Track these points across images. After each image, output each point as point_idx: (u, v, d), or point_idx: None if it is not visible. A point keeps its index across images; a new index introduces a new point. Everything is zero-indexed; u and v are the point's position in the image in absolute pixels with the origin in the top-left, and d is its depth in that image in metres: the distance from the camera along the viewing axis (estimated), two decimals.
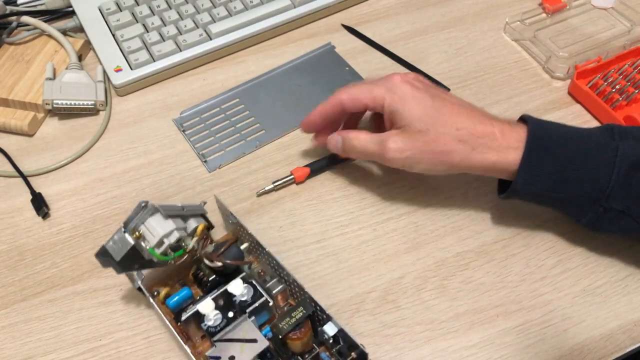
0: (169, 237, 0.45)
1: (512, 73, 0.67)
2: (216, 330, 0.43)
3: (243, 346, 0.41)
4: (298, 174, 0.57)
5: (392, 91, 0.50)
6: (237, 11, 0.69)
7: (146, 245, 0.44)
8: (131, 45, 0.66)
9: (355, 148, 0.52)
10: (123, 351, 0.48)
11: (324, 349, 0.45)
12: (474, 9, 0.74)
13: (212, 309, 0.43)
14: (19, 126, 0.61)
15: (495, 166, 0.48)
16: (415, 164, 0.49)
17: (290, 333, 0.42)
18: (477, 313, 0.49)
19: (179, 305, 0.46)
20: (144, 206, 0.44)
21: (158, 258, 0.44)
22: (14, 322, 0.50)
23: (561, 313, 0.49)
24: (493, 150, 0.47)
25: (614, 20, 0.71)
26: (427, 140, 0.48)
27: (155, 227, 0.44)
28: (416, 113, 0.48)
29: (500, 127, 0.48)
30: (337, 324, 0.42)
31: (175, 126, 0.63)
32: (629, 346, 0.47)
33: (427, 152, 0.48)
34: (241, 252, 0.48)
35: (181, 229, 0.46)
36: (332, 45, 0.69)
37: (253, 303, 0.44)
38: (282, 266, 0.45)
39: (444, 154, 0.48)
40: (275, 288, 0.46)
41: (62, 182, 0.58)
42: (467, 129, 0.48)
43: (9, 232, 0.55)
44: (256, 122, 0.62)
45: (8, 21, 0.69)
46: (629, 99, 0.62)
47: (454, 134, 0.48)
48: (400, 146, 0.48)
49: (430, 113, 0.48)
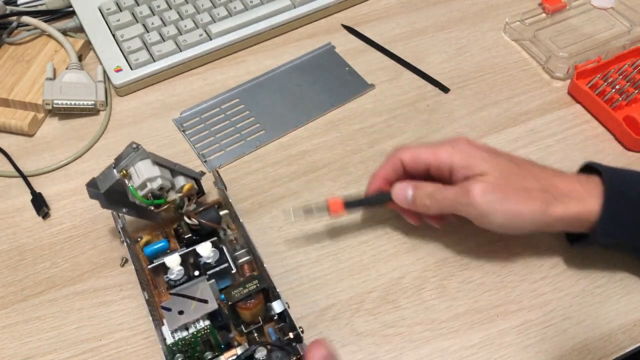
0: (152, 182, 0.47)
1: (512, 73, 0.67)
2: (176, 284, 0.45)
3: (194, 304, 0.43)
4: (334, 207, 0.50)
5: (459, 149, 0.47)
6: (237, 11, 0.69)
7: (130, 184, 0.46)
8: (131, 46, 0.66)
9: (433, 196, 0.47)
10: (123, 351, 0.48)
11: (273, 324, 0.46)
12: (474, 9, 0.74)
13: (177, 263, 0.46)
14: (19, 126, 0.61)
15: (579, 218, 0.46)
16: (498, 211, 0.45)
17: (241, 302, 0.44)
18: (477, 313, 0.49)
19: (154, 254, 0.49)
20: (135, 147, 0.46)
21: (138, 198, 0.46)
22: (14, 322, 0.50)
23: (561, 313, 0.49)
24: (574, 201, 0.45)
25: (613, 20, 0.71)
26: (510, 187, 0.45)
27: (142, 170, 0.46)
28: (492, 163, 0.46)
29: (577, 178, 0.47)
30: (283, 303, 0.44)
31: (175, 126, 0.63)
32: (629, 346, 0.47)
33: (511, 196, 0.45)
34: (219, 216, 0.50)
35: (167, 179, 0.48)
36: (332, 45, 0.70)
37: (215, 267, 0.46)
38: (249, 238, 0.48)
39: (527, 200, 0.45)
40: (243, 258, 0.48)
41: (62, 182, 0.58)
42: (547, 179, 0.46)
43: (9, 232, 0.55)
44: (256, 122, 0.62)
45: (8, 21, 0.69)
46: (629, 99, 0.62)
47: (535, 183, 0.46)
48: (485, 187, 0.45)
49: (505, 163, 0.46)
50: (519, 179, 0.46)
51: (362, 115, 0.63)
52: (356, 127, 0.62)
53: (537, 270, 0.51)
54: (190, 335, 0.43)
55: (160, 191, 0.48)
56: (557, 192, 0.46)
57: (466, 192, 0.46)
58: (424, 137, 0.61)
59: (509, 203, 0.45)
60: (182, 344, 0.42)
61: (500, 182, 0.45)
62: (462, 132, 0.61)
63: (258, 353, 0.41)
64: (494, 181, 0.45)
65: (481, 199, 0.45)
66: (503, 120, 0.63)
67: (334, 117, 0.63)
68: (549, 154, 0.60)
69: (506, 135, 0.61)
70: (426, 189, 0.48)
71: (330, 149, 0.61)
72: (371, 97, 0.65)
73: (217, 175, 0.53)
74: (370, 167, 0.59)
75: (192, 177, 0.51)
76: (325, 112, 0.63)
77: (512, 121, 0.62)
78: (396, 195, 0.49)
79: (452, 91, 0.65)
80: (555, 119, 0.63)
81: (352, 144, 0.61)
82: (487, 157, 0.47)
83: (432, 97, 0.65)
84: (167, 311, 0.43)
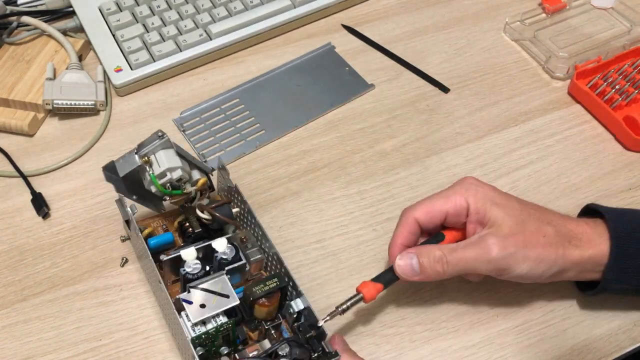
0: (172, 172, 0.46)
1: (512, 73, 0.67)
2: (193, 278, 0.45)
3: (216, 298, 0.43)
4: (368, 293, 0.45)
5: (472, 191, 0.45)
6: (237, 11, 0.69)
7: (150, 171, 0.46)
8: (131, 46, 0.66)
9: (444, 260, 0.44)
10: (123, 351, 0.48)
11: (284, 322, 0.46)
12: (474, 9, 0.74)
13: (193, 257, 0.46)
14: (19, 126, 0.61)
15: (591, 261, 0.45)
16: (519, 263, 0.43)
17: (260, 299, 0.44)
18: (477, 313, 0.49)
19: (158, 246, 0.48)
20: (161, 136, 0.46)
21: (157, 186, 0.46)
22: (14, 322, 0.50)
23: (561, 313, 0.49)
24: (586, 244, 0.45)
25: (613, 21, 0.71)
26: (527, 233, 0.44)
27: (163, 159, 0.46)
28: (506, 209, 0.44)
29: (584, 220, 0.46)
30: (306, 301, 0.44)
31: (175, 126, 0.63)
32: (629, 346, 0.47)
33: (530, 245, 0.43)
34: (232, 213, 0.49)
35: (186, 171, 0.47)
36: (332, 45, 0.70)
37: (232, 263, 0.46)
38: (267, 237, 0.47)
39: (546, 247, 0.44)
40: (254, 256, 0.47)
41: (63, 182, 0.58)
42: (558, 223, 0.45)
43: (9, 232, 0.55)
44: (256, 122, 0.62)
45: (8, 21, 0.69)
46: (629, 99, 0.62)
47: (548, 225, 0.44)
48: (503, 242, 0.43)
49: (519, 207, 0.45)
50: (534, 224, 0.44)
51: (362, 115, 0.63)
52: (356, 127, 0.62)
53: None
54: (213, 329, 0.42)
55: (179, 182, 0.48)
56: (571, 236, 0.45)
57: (485, 250, 0.43)
58: (424, 137, 0.61)
59: (530, 251, 0.43)
60: (204, 337, 0.42)
61: (516, 230, 0.44)
62: (462, 132, 0.61)
63: (282, 350, 0.42)
64: (510, 231, 0.43)
65: (503, 253, 0.43)
66: (503, 120, 0.63)
67: (334, 117, 0.63)
68: (549, 154, 0.60)
69: (506, 135, 0.61)
70: (433, 253, 0.44)
71: (330, 149, 0.61)
72: (371, 97, 0.65)
73: (227, 173, 0.52)
74: (370, 167, 0.59)
75: (205, 172, 0.51)
76: (325, 112, 0.63)
77: (512, 121, 0.62)
78: (402, 271, 0.45)
79: (452, 91, 0.65)
80: (555, 119, 0.63)
81: (352, 144, 0.61)
82: (499, 200, 0.45)
83: (432, 97, 0.65)
84: (189, 304, 0.43)
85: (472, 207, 0.45)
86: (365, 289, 0.45)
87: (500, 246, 0.43)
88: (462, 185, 0.47)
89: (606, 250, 0.44)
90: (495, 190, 0.46)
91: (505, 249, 0.43)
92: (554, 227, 0.45)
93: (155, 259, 0.46)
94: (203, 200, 0.50)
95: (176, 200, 0.48)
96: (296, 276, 0.45)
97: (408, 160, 0.59)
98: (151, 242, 0.48)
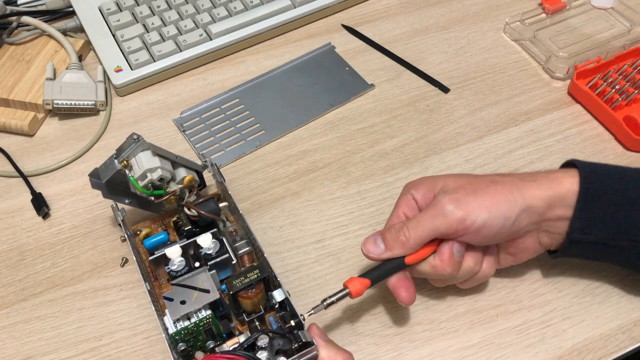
0: (152, 173, 0.47)
1: (512, 73, 0.67)
2: (177, 274, 0.46)
3: (196, 294, 0.44)
4: (354, 288, 0.44)
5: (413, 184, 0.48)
6: (237, 11, 0.69)
7: (130, 174, 0.47)
8: (131, 46, 0.66)
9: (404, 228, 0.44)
10: (123, 351, 0.48)
11: (273, 314, 0.47)
12: (474, 9, 0.74)
13: (178, 255, 0.47)
14: (19, 126, 0.61)
15: (560, 196, 0.44)
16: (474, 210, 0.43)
17: (242, 292, 0.45)
18: (477, 313, 0.49)
19: (154, 246, 0.49)
20: (136, 139, 0.47)
21: (138, 188, 0.47)
22: (14, 322, 0.50)
23: (561, 313, 0.49)
24: (551, 182, 0.44)
25: (613, 21, 0.71)
26: (475, 184, 0.45)
27: (142, 161, 0.47)
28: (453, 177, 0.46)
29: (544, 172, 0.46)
30: (285, 291, 0.44)
31: (175, 126, 0.63)
32: (629, 346, 0.47)
33: (480, 192, 0.44)
34: (218, 208, 0.50)
35: (167, 170, 0.48)
36: (332, 45, 0.70)
37: (216, 257, 0.47)
38: (250, 229, 0.48)
39: (498, 190, 0.44)
40: (243, 249, 0.49)
41: (63, 182, 0.58)
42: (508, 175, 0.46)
43: (9, 232, 0.55)
44: (256, 122, 0.63)
45: (8, 21, 0.69)
46: (629, 99, 0.62)
47: (500, 177, 0.45)
48: (453, 194, 0.44)
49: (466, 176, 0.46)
50: (482, 178, 0.46)
51: (362, 115, 0.63)
52: (356, 127, 0.62)
53: (537, 270, 0.51)
54: (192, 325, 0.43)
55: (160, 182, 0.48)
56: (524, 177, 0.45)
57: (438, 207, 0.44)
58: (424, 137, 0.61)
59: (483, 197, 0.44)
60: (184, 332, 0.43)
61: (465, 183, 0.45)
62: (462, 132, 0.61)
63: (260, 341, 0.42)
64: (459, 185, 0.45)
65: (455, 204, 0.43)
66: (503, 120, 0.63)
67: (334, 117, 0.63)
68: (549, 154, 0.60)
69: (506, 135, 0.61)
70: (394, 226, 0.45)
71: (330, 149, 0.61)
72: (371, 97, 0.65)
73: (216, 168, 0.53)
74: (370, 167, 0.59)
75: (194, 169, 0.51)
76: (325, 112, 0.63)
77: (512, 121, 0.62)
78: (367, 250, 0.46)
79: (452, 91, 0.65)
80: (555, 119, 0.63)
81: (352, 144, 0.61)
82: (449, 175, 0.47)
83: (432, 97, 0.65)
84: (169, 301, 0.44)
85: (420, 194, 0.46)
86: (351, 284, 0.44)
87: (451, 198, 0.44)
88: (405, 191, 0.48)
89: (574, 188, 0.44)
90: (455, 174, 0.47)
91: (457, 200, 0.43)
92: (504, 176, 0.46)
93: None
94: (191, 197, 0.50)
95: (162, 199, 0.49)
96: (295, 276, 0.45)
97: (408, 160, 0.60)
98: (147, 242, 0.49)
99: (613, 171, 0.46)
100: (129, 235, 0.50)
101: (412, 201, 0.47)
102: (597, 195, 0.44)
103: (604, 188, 0.44)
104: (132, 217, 0.54)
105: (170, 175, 0.49)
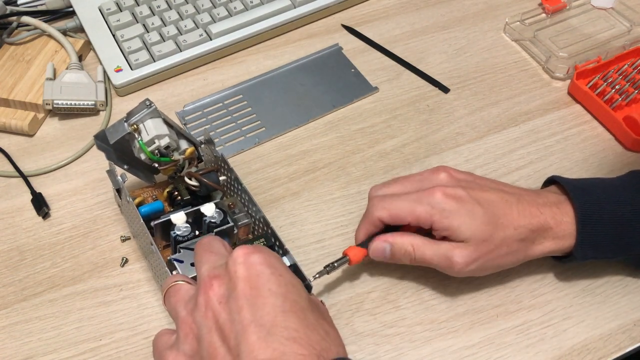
0: (160, 140, 0.48)
1: (512, 73, 0.67)
2: (183, 240, 0.47)
3: None
4: (354, 256, 0.49)
5: (438, 209, 0.46)
6: (238, 11, 0.69)
7: (139, 139, 0.48)
8: (131, 46, 0.66)
9: (410, 256, 0.47)
10: (123, 351, 0.48)
11: None
12: (474, 9, 0.74)
13: (183, 221, 0.48)
14: (19, 126, 0.61)
15: (554, 252, 0.48)
16: (481, 272, 0.48)
17: None
18: (477, 313, 0.49)
19: (149, 214, 0.49)
20: (148, 105, 0.47)
21: (146, 153, 0.47)
22: (14, 322, 0.50)
23: (561, 313, 0.49)
24: (549, 239, 0.47)
25: (613, 21, 0.71)
26: (492, 248, 0.46)
27: (152, 127, 0.48)
28: (474, 225, 0.46)
29: (551, 214, 0.47)
30: (292, 258, 0.45)
31: (178, 119, 0.62)
32: (629, 346, 0.47)
33: (492, 259, 0.46)
34: (218, 179, 0.51)
35: (173, 140, 0.49)
36: (340, 46, 0.69)
37: (220, 225, 0.48)
38: (254, 202, 0.49)
39: (507, 256, 0.47)
40: (241, 221, 0.50)
41: (63, 182, 0.58)
42: (525, 227, 0.46)
43: (9, 232, 0.55)
44: (257, 119, 0.63)
45: (8, 21, 0.69)
46: (629, 99, 0.62)
47: (514, 234, 0.46)
48: (468, 260, 0.46)
49: (486, 220, 0.46)
50: (500, 238, 0.46)
51: (362, 115, 0.63)
52: (356, 127, 0.62)
53: (537, 270, 0.51)
54: None
55: (167, 150, 0.49)
56: (534, 236, 0.47)
57: (450, 264, 0.46)
58: (424, 137, 0.61)
59: (488, 270, 0.48)
60: None
61: (482, 247, 0.46)
62: (462, 132, 0.61)
63: None
64: (477, 249, 0.46)
65: (464, 270, 0.46)
66: (503, 120, 0.63)
67: (334, 117, 0.63)
68: (549, 154, 0.60)
69: (506, 135, 0.61)
70: (405, 247, 0.47)
71: (330, 149, 0.61)
72: (371, 97, 0.65)
73: (212, 142, 0.53)
74: (370, 167, 0.59)
75: (193, 143, 0.52)
76: (326, 113, 0.63)
77: (512, 121, 0.63)
78: (375, 255, 0.48)
79: (452, 91, 0.65)
80: (555, 119, 0.63)
81: (352, 144, 0.61)
82: (467, 218, 0.46)
83: (432, 97, 0.65)
84: (180, 263, 0.45)
85: (436, 225, 0.46)
86: (351, 252, 0.48)
87: (465, 264, 0.46)
88: (428, 198, 0.46)
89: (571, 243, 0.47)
90: (459, 203, 0.46)
91: (469, 265, 0.46)
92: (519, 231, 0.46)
93: (149, 224, 0.48)
94: (191, 168, 0.51)
95: (165, 167, 0.49)
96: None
97: (408, 160, 0.60)
98: (142, 210, 0.49)
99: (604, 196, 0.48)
100: (129, 200, 0.49)
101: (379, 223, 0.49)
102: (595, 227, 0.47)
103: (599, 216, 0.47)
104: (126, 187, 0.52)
105: (175, 145, 0.49)
